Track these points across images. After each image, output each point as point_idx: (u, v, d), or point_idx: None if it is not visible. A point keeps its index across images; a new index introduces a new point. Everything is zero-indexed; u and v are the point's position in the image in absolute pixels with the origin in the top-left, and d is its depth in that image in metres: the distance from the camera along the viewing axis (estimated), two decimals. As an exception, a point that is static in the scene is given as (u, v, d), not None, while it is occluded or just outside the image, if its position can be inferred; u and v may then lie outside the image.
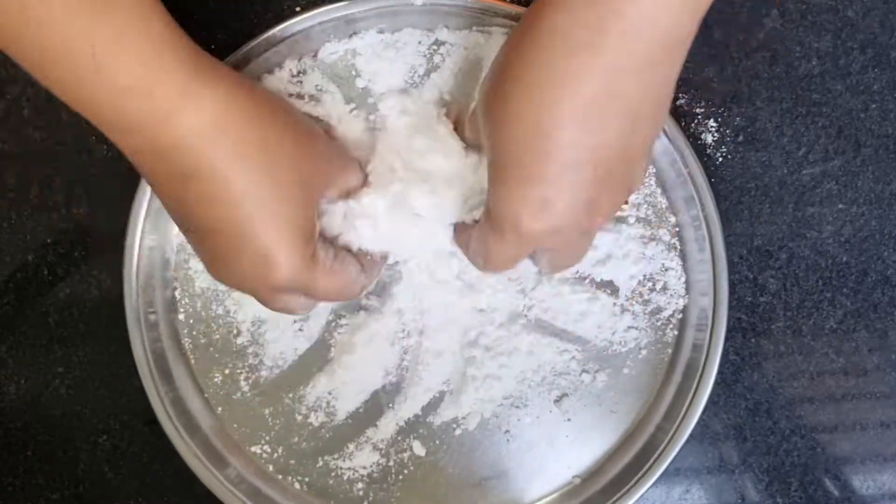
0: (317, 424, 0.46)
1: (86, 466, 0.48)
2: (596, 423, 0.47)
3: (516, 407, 0.46)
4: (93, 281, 0.48)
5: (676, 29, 0.29)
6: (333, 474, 0.46)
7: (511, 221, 0.33)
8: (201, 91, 0.31)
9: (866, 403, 0.49)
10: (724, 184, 0.50)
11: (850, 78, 0.51)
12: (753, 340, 0.49)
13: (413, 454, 0.46)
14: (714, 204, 0.47)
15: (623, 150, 0.32)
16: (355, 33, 0.50)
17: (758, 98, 0.51)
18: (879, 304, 0.49)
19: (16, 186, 0.48)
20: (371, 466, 0.46)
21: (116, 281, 0.48)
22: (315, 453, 0.46)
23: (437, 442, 0.46)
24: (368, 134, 0.47)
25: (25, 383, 0.48)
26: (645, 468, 0.45)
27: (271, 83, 0.49)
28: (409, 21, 0.50)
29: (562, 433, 0.47)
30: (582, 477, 0.46)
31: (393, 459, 0.46)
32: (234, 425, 0.46)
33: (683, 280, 0.48)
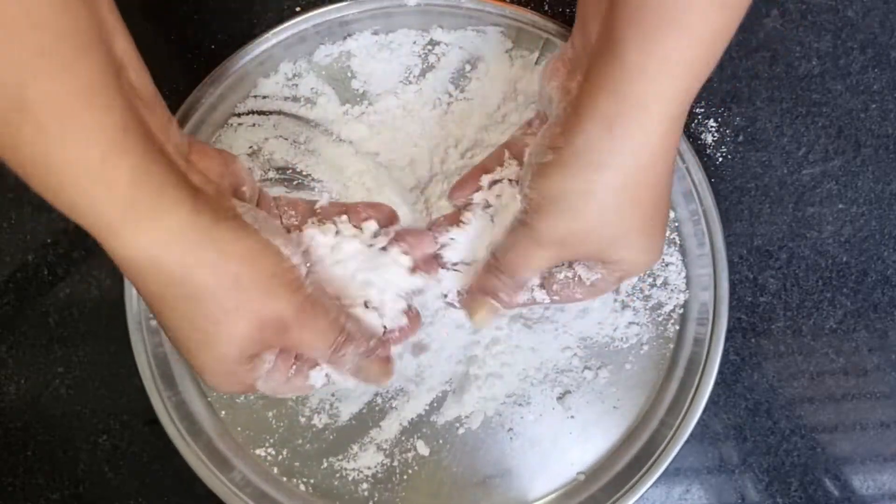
0: (320, 426, 0.46)
1: (86, 466, 0.48)
2: (599, 420, 0.47)
3: (519, 405, 0.47)
4: (93, 281, 0.48)
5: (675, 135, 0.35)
6: (338, 475, 0.46)
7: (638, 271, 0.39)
8: (135, 227, 0.30)
9: (866, 403, 0.49)
10: (724, 183, 0.50)
11: (850, 78, 0.51)
12: (753, 340, 0.49)
13: (417, 454, 0.46)
14: (713, 198, 0.47)
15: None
16: (349, 35, 0.50)
17: (758, 98, 0.51)
18: (879, 304, 0.49)
19: (16, 186, 0.48)
20: (375, 467, 0.46)
21: (116, 281, 0.48)
22: (319, 455, 0.46)
23: (441, 441, 0.46)
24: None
25: (25, 383, 0.48)
26: (649, 463, 0.45)
27: (267, 87, 0.49)
28: (404, 22, 0.50)
29: (565, 430, 0.47)
30: (586, 474, 0.46)
31: (397, 459, 0.46)
32: (238, 428, 0.46)
33: (684, 275, 0.48)
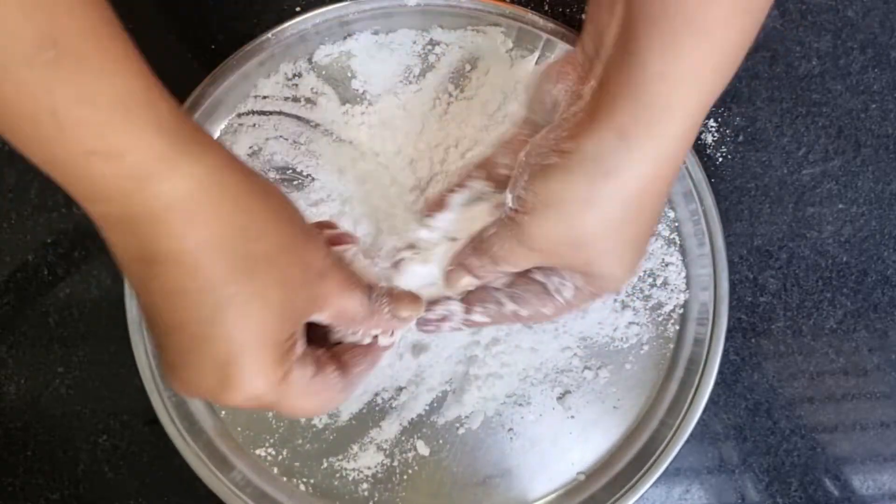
0: (321, 426, 0.46)
1: (86, 466, 0.48)
2: (599, 420, 0.47)
3: (519, 405, 0.46)
4: (93, 281, 0.48)
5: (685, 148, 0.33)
6: (338, 475, 0.46)
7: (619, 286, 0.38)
8: (180, 159, 0.27)
9: (866, 403, 0.49)
10: (724, 184, 0.50)
11: (850, 78, 0.51)
12: (753, 340, 0.49)
13: (417, 454, 0.46)
14: (712, 198, 0.47)
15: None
16: (350, 35, 0.50)
17: (758, 98, 0.51)
18: (879, 304, 0.49)
19: (16, 186, 0.48)
20: (375, 467, 0.46)
21: (116, 281, 0.48)
22: (319, 455, 0.46)
23: (441, 441, 0.46)
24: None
25: (25, 383, 0.48)
26: (649, 463, 0.45)
27: (267, 87, 0.49)
28: (404, 22, 0.50)
29: (565, 430, 0.47)
30: (586, 474, 0.46)
31: (397, 459, 0.46)
32: (238, 428, 0.46)
33: (683, 275, 0.48)
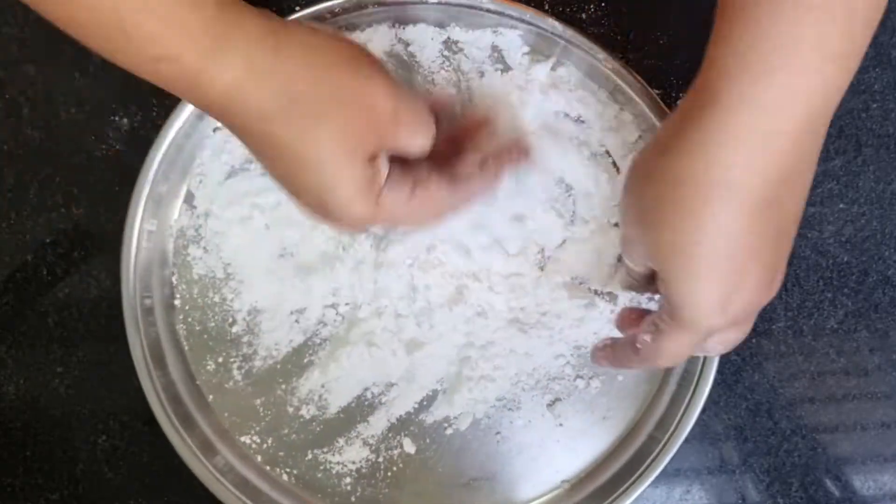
0: (308, 417, 0.46)
1: (85, 466, 0.48)
2: (588, 430, 0.46)
3: (509, 409, 0.46)
4: (92, 281, 0.48)
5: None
6: (322, 468, 0.46)
7: (694, 321, 0.33)
8: (224, 51, 0.30)
9: (867, 404, 0.49)
10: (725, 183, 0.50)
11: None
12: (754, 340, 0.49)
13: (403, 451, 0.46)
14: None
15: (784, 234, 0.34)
16: (369, 26, 0.47)
17: (758, 98, 0.50)
18: (880, 304, 0.49)
19: (16, 186, 0.48)
20: (360, 462, 0.46)
21: (116, 281, 0.48)
22: (305, 446, 0.46)
23: (428, 440, 0.46)
24: None
25: (25, 383, 0.48)
26: (634, 477, 0.45)
27: None
28: (421, 17, 0.47)
29: (553, 438, 0.46)
30: (570, 482, 0.46)
31: (383, 456, 0.46)
32: (225, 414, 0.46)
33: None
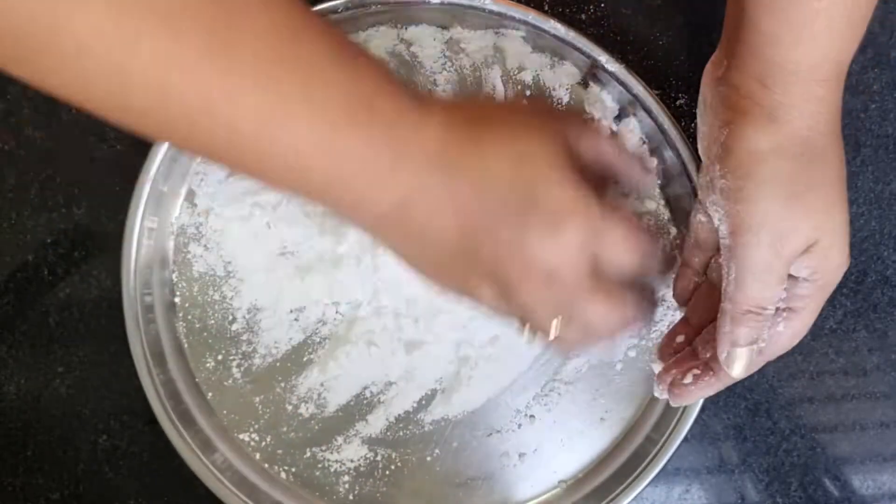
0: (307, 415, 0.46)
1: (85, 466, 0.48)
2: (585, 430, 0.47)
3: (507, 409, 0.46)
4: (92, 281, 0.48)
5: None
6: (320, 466, 0.46)
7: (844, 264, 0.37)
8: (396, 172, 0.30)
9: (866, 403, 0.49)
10: (724, 184, 0.50)
11: (850, 78, 0.51)
12: (753, 340, 0.49)
13: (401, 450, 0.46)
14: None
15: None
16: (371, 26, 0.47)
17: (758, 98, 0.50)
18: (879, 304, 0.49)
19: (16, 186, 0.48)
20: (358, 460, 0.46)
21: (116, 281, 0.48)
22: (303, 444, 0.46)
23: (427, 440, 0.46)
24: None
25: (25, 383, 0.48)
26: (632, 477, 0.45)
27: None
28: (423, 18, 0.48)
29: (550, 438, 0.46)
30: (567, 483, 0.46)
31: (381, 455, 0.46)
32: (224, 411, 0.46)
33: None
